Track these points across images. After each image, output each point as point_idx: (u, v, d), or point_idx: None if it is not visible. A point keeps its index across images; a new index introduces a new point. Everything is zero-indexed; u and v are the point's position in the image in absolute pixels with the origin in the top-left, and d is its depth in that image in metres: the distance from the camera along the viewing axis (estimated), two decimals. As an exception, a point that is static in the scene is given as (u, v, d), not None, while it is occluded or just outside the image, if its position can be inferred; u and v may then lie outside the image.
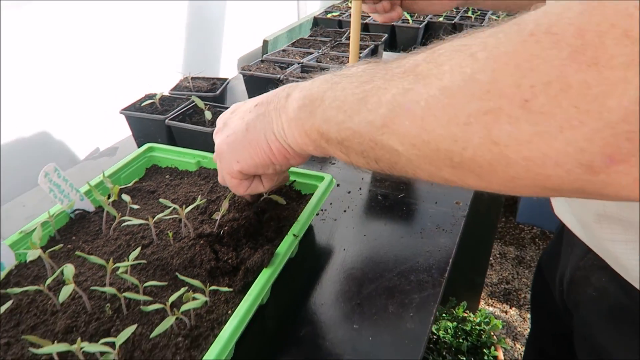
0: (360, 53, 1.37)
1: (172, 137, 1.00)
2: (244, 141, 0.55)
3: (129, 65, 1.24)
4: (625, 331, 0.64)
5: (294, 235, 0.70)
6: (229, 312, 0.61)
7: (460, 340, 1.81)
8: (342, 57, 1.33)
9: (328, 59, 1.31)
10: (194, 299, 0.57)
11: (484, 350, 1.80)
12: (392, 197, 0.94)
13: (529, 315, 2.34)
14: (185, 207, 0.73)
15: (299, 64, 1.27)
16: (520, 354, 2.17)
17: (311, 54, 1.36)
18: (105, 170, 0.86)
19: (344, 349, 0.62)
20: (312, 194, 0.81)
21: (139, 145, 1.03)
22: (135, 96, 1.10)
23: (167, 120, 0.97)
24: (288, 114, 0.49)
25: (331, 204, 0.92)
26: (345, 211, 0.90)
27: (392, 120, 0.37)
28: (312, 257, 0.79)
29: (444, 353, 1.81)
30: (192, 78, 1.19)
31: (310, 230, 0.85)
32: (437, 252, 0.79)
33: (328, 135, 0.45)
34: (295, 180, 0.86)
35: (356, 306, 0.69)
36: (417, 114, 0.35)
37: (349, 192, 0.95)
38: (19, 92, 1.02)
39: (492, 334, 1.85)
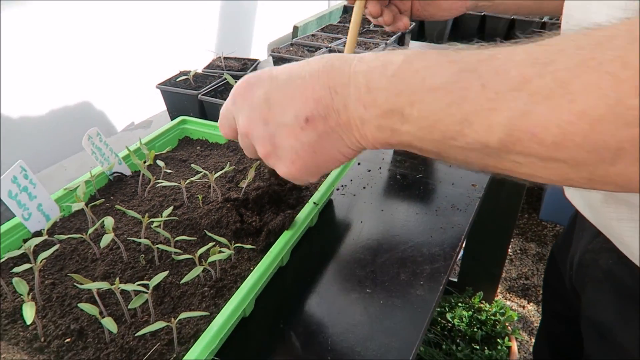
0: (387, 40, 1.40)
1: (204, 112, 1.05)
2: (313, 163, 0.49)
3: (165, 44, 1.31)
4: (629, 311, 0.66)
5: (314, 203, 0.74)
6: (251, 268, 0.66)
7: (475, 329, 1.83)
8: (369, 42, 1.37)
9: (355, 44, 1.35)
10: (220, 252, 0.62)
11: (498, 340, 1.82)
12: (411, 177, 0.98)
13: (546, 311, 2.34)
14: (214, 173, 0.78)
15: (327, 48, 1.31)
16: (535, 349, 2.17)
17: (339, 39, 1.40)
18: (144, 139, 0.92)
19: (356, 309, 0.67)
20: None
21: (173, 119, 1.09)
22: (170, 73, 1.16)
23: (199, 96, 1.02)
24: (364, 132, 0.45)
25: (351, 180, 0.96)
26: (364, 188, 0.94)
27: (515, 144, 0.35)
28: (331, 227, 0.84)
29: (458, 341, 1.84)
30: (225, 58, 1.24)
31: (330, 204, 0.89)
32: (450, 229, 0.83)
33: (421, 148, 0.42)
34: (318, 155, 0.90)
35: (370, 273, 0.73)
36: (548, 140, 0.33)
37: (369, 171, 0.99)
38: (65, 65, 1.09)
39: (506, 324, 1.87)
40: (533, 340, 2.19)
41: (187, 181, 0.77)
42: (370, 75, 0.42)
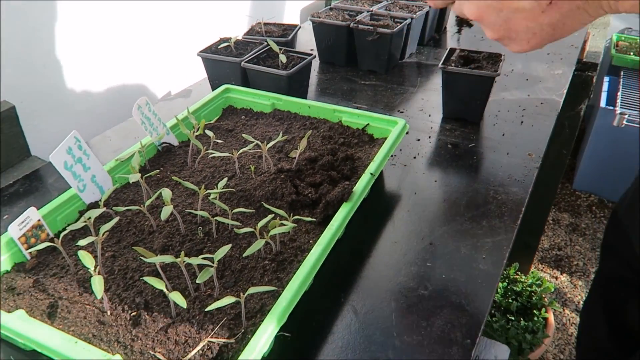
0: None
1: (246, 80, 1.02)
2: (551, 39, 0.51)
3: (200, 10, 1.27)
4: None
5: (371, 174, 0.72)
6: (311, 241, 0.64)
7: (510, 301, 1.81)
8: (412, 5, 1.31)
9: (397, 8, 1.29)
10: (281, 224, 0.60)
11: (534, 311, 1.80)
12: (463, 146, 0.94)
13: (580, 283, 2.31)
14: (266, 144, 0.76)
15: (368, 12, 1.25)
16: (569, 320, 2.15)
17: (380, 2, 1.34)
18: (182, 111, 0.90)
19: (419, 284, 0.65)
20: (384, 139, 0.83)
21: (214, 88, 1.06)
22: (206, 40, 1.13)
23: (242, 63, 0.99)
24: (616, 4, 0.45)
25: (401, 150, 0.93)
26: (415, 158, 0.91)
27: None
28: (383, 199, 0.81)
29: (493, 311, 1.82)
30: (265, 24, 1.20)
31: (380, 175, 0.86)
32: (509, 201, 0.79)
33: None
34: (368, 124, 0.87)
35: (429, 246, 0.71)
36: None
37: (418, 140, 0.96)
38: (104, 34, 1.07)
39: (543, 296, 1.84)
40: (567, 311, 2.17)
41: (240, 152, 0.75)
42: None
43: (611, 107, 2.35)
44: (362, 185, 0.69)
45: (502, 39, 0.53)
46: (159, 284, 0.52)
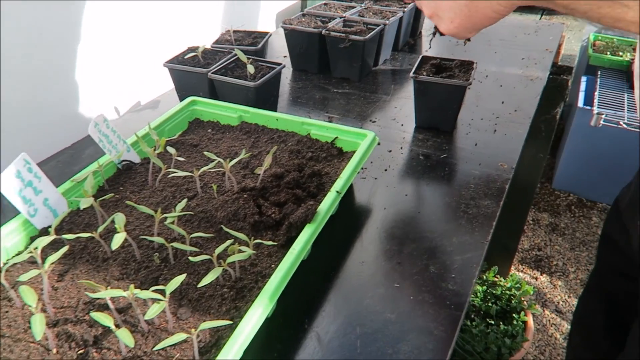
0: (404, 8, 1.32)
1: (214, 91, 0.99)
2: (469, 21, 0.57)
3: (171, 18, 1.23)
4: None
5: (337, 191, 0.69)
6: (272, 265, 0.62)
7: (490, 304, 1.81)
8: (385, 10, 1.29)
9: (371, 14, 1.27)
10: (239, 251, 0.58)
11: (514, 315, 1.80)
12: (435, 157, 0.92)
13: (559, 283, 2.32)
14: (229, 161, 0.73)
15: (341, 18, 1.23)
16: (549, 320, 2.16)
17: (353, 7, 1.32)
18: (150, 122, 0.87)
19: (385, 307, 0.63)
20: (354, 152, 0.80)
21: (181, 99, 1.03)
22: (176, 49, 1.09)
23: (209, 74, 0.96)
24: None
25: (372, 162, 0.91)
26: (386, 170, 0.89)
27: None
28: (352, 215, 0.79)
29: (472, 316, 1.82)
30: (234, 31, 1.17)
31: (350, 189, 0.84)
32: (480, 215, 0.78)
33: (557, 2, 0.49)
34: (337, 137, 0.85)
35: (397, 265, 0.69)
36: None
37: (390, 151, 0.94)
38: (65, 43, 1.03)
39: (522, 299, 1.84)
40: (547, 312, 2.18)
41: (201, 170, 0.72)
42: None
43: (589, 107, 2.36)
44: (327, 204, 0.67)
45: (433, 16, 0.61)
46: (106, 320, 0.50)
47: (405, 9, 1.29)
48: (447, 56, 0.97)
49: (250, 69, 0.95)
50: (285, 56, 1.30)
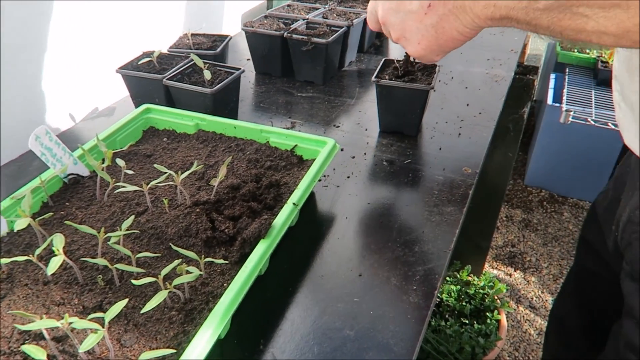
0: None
1: (171, 98, 0.96)
2: (436, 43, 0.58)
3: (127, 21, 1.19)
4: None
5: (294, 204, 0.67)
6: (225, 284, 0.59)
7: (464, 304, 1.81)
8: (350, 12, 1.26)
9: (335, 15, 1.25)
10: (187, 272, 0.55)
11: (487, 313, 1.80)
12: (398, 162, 0.90)
13: (533, 279, 2.35)
14: (182, 173, 0.70)
15: (304, 20, 1.20)
16: (523, 317, 2.18)
17: (317, 9, 1.29)
18: (101, 132, 0.83)
19: (344, 323, 0.60)
20: (314, 160, 0.78)
21: (137, 106, 0.99)
22: (134, 53, 1.05)
23: (164, 80, 0.93)
24: (475, 11, 0.52)
25: (334, 169, 0.88)
26: (348, 177, 0.87)
27: None
28: (313, 225, 0.76)
29: (447, 316, 1.81)
30: (192, 35, 1.13)
31: (311, 197, 0.82)
32: (443, 222, 0.76)
33: (516, 19, 0.50)
34: (296, 145, 0.82)
35: (357, 278, 0.67)
36: None
37: (353, 157, 0.92)
38: (14, 50, 0.98)
39: (495, 297, 1.85)
40: (521, 308, 2.20)
41: (150, 185, 0.68)
42: None
43: (558, 104, 2.39)
44: (282, 218, 0.64)
45: (400, 39, 0.61)
46: (39, 354, 0.46)
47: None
48: (412, 59, 0.96)
49: (207, 74, 0.92)
50: (248, 59, 1.27)
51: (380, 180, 0.86)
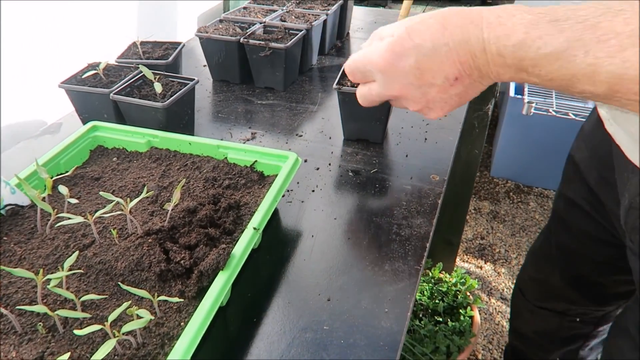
0: (327, 10, 1.26)
1: (120, 114, 0.89)
2: (458, 105, 0.61)
3: (73, 30, 1.11)
4: None
5: (255, 228, 0.62)
6: (182, 323, 0.54)
7: (437, 302, 1.81)
8: (308, 14, 1.22)
9: (293, 17, 1.20)
10: (138, 316, 0.50)
11: (460, 310, 1.81)
12: (365, 172, 0.87)
13: (503, 270, 2.37)
14: (131, 200, 0.64)
15: (261, 23, 1.15)
16: (495, 309, 2.20)
17: (275, 11, 1.24)
18: (43, 154, 0.76)
19: (313, 355, 0.56)
20: (276, 176, 0.74)
21: (85, 123, 0.93)
22: (79, 65, 0.98)
23: (111, 95, 0.86)
24: (499, 78, 0.55)
25: (298, 183, 0.84)
26: (313, 191, 0.83)
27: (616, 93, 0.45)
28: (277, 246, 0.72)
29: (421, 315, 1.81)
30: (142, 43, 1.07)
31: (275, 215, 0.77)
32: (413, 236, 0.73)
33: (529, 81, 0.52)
34: (256, 161, 0.77)
35: (326, 303, 0.63)
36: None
37: (318, 169, 0.88)
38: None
39: (467, 294, 1.85)
40: (492, 300, 2.21)
41: (96, 215, 0.63)
42: (498, 44, 0.51)
43: (520, 96, 2.41)
44: (243, 245, 0.60)
45: (422, 109, 0.62)
46: None
47: (329, 11, 1.23)
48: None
49: (158, 87, 0.86)
50: (205, 65, 1.21)
51: (347, 193, 0.82)
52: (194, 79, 0.91)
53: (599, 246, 0.95)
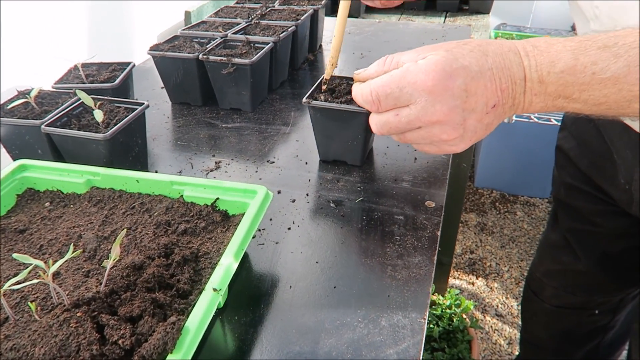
0: (299, 19, 1.15)
1: (56, 148, 0.75)
2: (481, 138, 0.58)
3: (4, 52, 0.97)
4: None
5: (214, 289, 0.49)
6: None
7: (432, 326, 1.69)
8: (275, 25, 1.10)
9: (258, 31, 1.08)
10: None
11: (457, 334, 1.69)
12: (348, 202, 0.74)
13: (495, 285, 2.28)
14: (54, 262, 0.50)
15: (222, 38, 1.03)
16: (491, 327, 2.09)
17: (237, 24, 1.12)
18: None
19: None
20: (243, 214, 0.61)
21: (16, 159, 0.78)
22: (8, 93, 0.84)
23: (43, 126, 0.72)
24: (528, 109, 0.55)
25: (271, 220, 0.71)
26: (289, 228, 0.70)
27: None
28: (246, 302, 0.59)
29: (416, 343, 1.67)
30: (84, 65, 0.93)
31: (244, 261, 0.64)
32: (412, 279, 0.61)
33: (583, 113, 0.53)
34: (217, 198, 0.64)
35: (311, 378, 0.50)
36: None
37: (294, 201, 0.75)
38: None
39: (463, 316, 1.74)
40: (487, 318, 2.11)
41: (6, 286, 0.48)
42: (541, 71, 0.52)
43: (500, 105, 2.34)
44: (200, 314, 0.46)
45: (456, 138, 0.57)
46: None
47: (299, 21, 1.12)
48: (349, 74, 0.80)
49: (98, 115, 0.72)
50: (162, 87, 1.08)
51: (329, 229, 0.70)
52: (143, 103, 0.78)
53: (610, 219, 0.95)
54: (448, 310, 1.75)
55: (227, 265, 0.51)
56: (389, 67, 0.58)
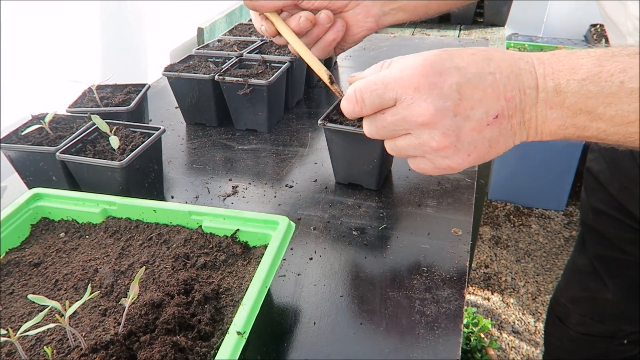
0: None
1: (71, 175, 0.74)
2: (484, 157, 0.52)
3: (17, 77, 0.96)
4: None
5: (239, 333, 0.46)
6: None
7: (449, 346, 1.64)
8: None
9: (273, 49, 1.06)
10: None
11: (475, 355, 1.64)
12: (371, 230, 0.72)
13: (511, 300, 2.23)
14: (70, 300, 0.48)
15: (237, 57, 1.01)
16: (508, 344, 2.05)
17: (253, 43, 1.10)
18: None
19: None
20: (264, 247, 0.58)
21: (30, 188, 0.77)
22: (23, 117, 0.83)
23: (58, 153, 0.71)
24: (541, 129, 0.50)
25: (292, 249, 0.69)
26: (311, 259, 0.67)
27: None
28: (269, 341, 0.56)
29: (433, 363, 1.63)
30: (99, 87, 0.91)
31: (266, 295, 0.61)
32: (441, 314, 0.58)
33: (603, 139, 0.48)
34: (238, 230, 0.62)
35: None
36: None
37: (314, 229, 0.73)
38: None
39: (481, 335, 1.69)
40: (504, 335, 2.06)
41: (20, 331, 0.46)
42: (558, 79, 0.46)
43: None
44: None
45: (448, 147, 0.50)
46: None
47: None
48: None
49: (114, 141, 0.70)
50: (177, 107, 1.06)
51: (352, 259, 0.67)
52: (159, 128, 0.76)
53: None
54: (465, 330, 1.70)
55: (250, 306, 0.49)
56: (376, 70, 0.55)
